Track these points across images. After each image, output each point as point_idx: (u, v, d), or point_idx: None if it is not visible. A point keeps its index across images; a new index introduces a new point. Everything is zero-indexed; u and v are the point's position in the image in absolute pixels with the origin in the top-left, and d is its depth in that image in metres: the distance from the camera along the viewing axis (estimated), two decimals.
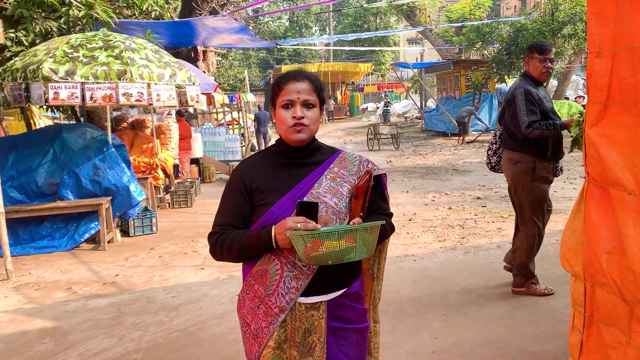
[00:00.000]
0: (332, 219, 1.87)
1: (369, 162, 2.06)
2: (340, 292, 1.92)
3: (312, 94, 1.91)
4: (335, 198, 1.90)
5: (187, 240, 7.05)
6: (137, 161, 8.79)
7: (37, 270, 5.98)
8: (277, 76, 1.99)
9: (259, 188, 1.92)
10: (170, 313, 4.52)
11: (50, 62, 6.15)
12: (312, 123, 1.90)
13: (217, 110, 17.40)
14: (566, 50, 17.15)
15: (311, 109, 1.90)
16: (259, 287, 1.89)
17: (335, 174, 1.96)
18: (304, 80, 1.91)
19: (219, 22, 10.16)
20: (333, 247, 1.68)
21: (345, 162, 2.00)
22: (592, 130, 2.50)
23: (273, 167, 1.96)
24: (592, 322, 2.60)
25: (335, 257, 1.70)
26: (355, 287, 1.98)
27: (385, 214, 2.06)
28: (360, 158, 2.05)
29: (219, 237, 1.90)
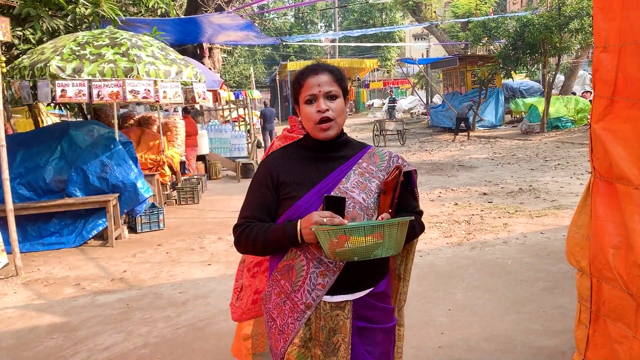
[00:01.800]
0: (360, 214, 1.82)
1: (399, 158, 2.00)
2: (367, 291, 1.88)
3: (334, 84, 1.86)
4: (364, 193, 1.86)
5: (194, 237, 7.08)
6: (144, 158, 8.83)
7: (45, 267, 6.03)
8: (296, 72, 1.95)
9: (285, 181, 1.88)
10: (177, 308, 4.55)
11: (58, 59, 6.18)
12: (337, 115, 1.86)
13: (223, 107, 17.44)
14: (573, 45, 17.04)
15: (334, 100, 1.85)
16: (285, 282, 1.87)
17: (364, 169, 1.91)
18: (324, 72, 1.87)
19: (224, 19, 10.16)
20: (359, 242, 1.64)
21: (374, 157, 1.96)
22: (598, 125, 2.50)
23: (301, 161, 1.92)
24: (599, 316, 2.60)
25: (361, 253, 1.66)
26: (382, 287, 1.93)
27: (415, 212, 1.99)
28: (390, 154, 2.00)
29: (244, 229, 1.87)
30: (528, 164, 11.94)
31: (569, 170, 10.71)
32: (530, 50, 17.28)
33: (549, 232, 6.29)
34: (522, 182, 9.65)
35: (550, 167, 11.23)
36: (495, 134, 18.98)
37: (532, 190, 8.89)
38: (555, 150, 13.93)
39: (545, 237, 6.05)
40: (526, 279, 4.73)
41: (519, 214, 7.25)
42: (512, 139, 17.40)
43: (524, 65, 18.27)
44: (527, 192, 8.72)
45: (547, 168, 11.19)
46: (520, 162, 12.42)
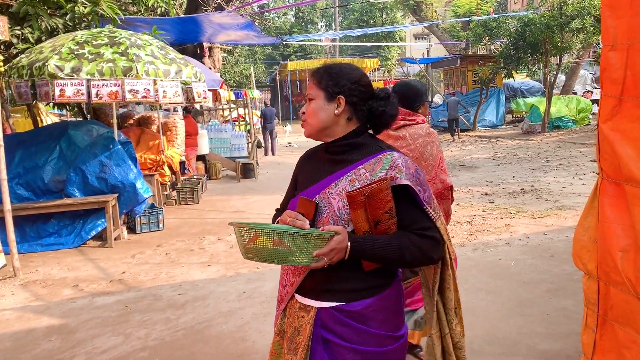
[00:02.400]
0: (330, 223, 1.75)
1: (398, 168, 1.76)
2: (333, 304, 1.78)
3: (313, 87, 1.86)
4: (341, 202, 1.76)
5: (193, 237, 7.03)
6: (144, 158, 8.77)
7: (44, 268, 5.98)
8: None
9: (299, 179, 1.98)
10: (177, 311, 4.49)
11: (56, 59, 6.13)
12: (309, 116, 1.86)
13: (224, 107, 17.38)
14: (574, 45, 17.00)
15: (311, 102, 1.86)
16: (282, 272, 1.99)
17: (358, 176, 1.78)
18: (312, 75, 1.90)
19: (224, 18, 10.11)
20: (264, 244, 1.62)
21: (377, 164, 1.78)
22: (606, 125, 2.44)
23: (316, 160, 1.95)
24: (606, 321, 2.55)
25: (264, 256, 1.63)
26: (358, 307, 1.78)
27: (419, 234, 1.76)
28: (394, 161, 1.77)
29: (274, 215, 2.04)
30: (530, 164, 11.88)
31: (571, 170, 10.66)
32: (531, 49, 17.24)
33: (551, 233, 6.24)
34: (524, 183, 9.60)
35: (552, 167, 11.17)
36: (497, 134, 18.93)
37: (534, 190, 8.83)
38: (557, 150, 13.88)
39: (548, 238, 5.99)
40: (529, 280, 4.68)
41: (521, 215, 7.19)
42: (513, 138, 17.35)
43: (525, 64, 18.22)
44: (529, 193, 8.67)
45: (548, 168, 11.14)
46: (522, 162, 12.36)
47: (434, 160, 3.07)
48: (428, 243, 1.76)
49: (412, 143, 3.04)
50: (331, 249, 1.65)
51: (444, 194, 3.10)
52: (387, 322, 1.83)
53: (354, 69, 1.88)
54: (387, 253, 1.72)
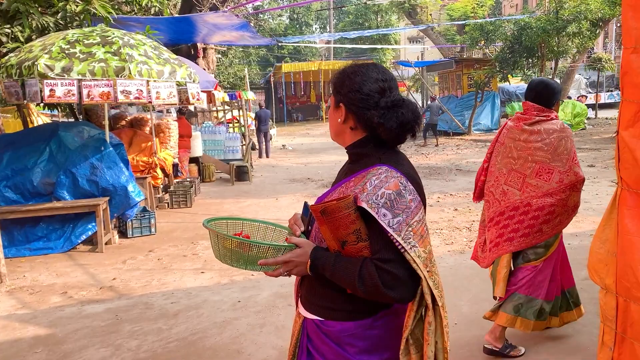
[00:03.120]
0: (313, 235, 1.74)
1: (364, 187, 1.57)
2: (314, 317, 1.74)
3: (333, 95, 1.81)
4: None
5: (186, 242, 6.85)
6: (136, 160, 8.60)
7: (32, 273, 5.79)
8: None
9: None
10: (169, 320, 4.33)
11: (46, 58, 5.95)
12: (329, 120, 1.84)
13: (218, 109, 17.21)
14: (570, 49, 16.96)
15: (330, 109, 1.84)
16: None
17: (346, 188, 1.67)
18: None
19: (219, 19, 9.94)
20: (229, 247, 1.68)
21: (361, 179, 1.64)
22: (627, 132, 2.30)
23: (344, 167, 1.88)
24: (625, 339, 2.41)
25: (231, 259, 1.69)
26: (334, 327, 1.67)
27: (377, 265, 1.53)
28: (374, 177, 1.59)
29: None
30: None
31: None
32: (527, 53, 17.18)
33: None
34: None
35: None
36: (492, 138, 18.83)
37: None
38: None
39: None
40: None
41: None
42: None
43: (521, 68, 18.16)
44: None
45: None
46: None
47: (568, 154, 3.28)
48: (385, 278, 1.51)
49: (546, 138, 3.28)
50: (286, 260, 1.63)
51: (576, 186, 3.29)
52: (370, 353, 1.67)
53: (359, 74, 1.70)
54: (344, 278, 1.56)
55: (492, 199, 3.49)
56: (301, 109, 34.76)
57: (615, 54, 32.03)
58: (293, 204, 9.08)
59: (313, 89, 34.54)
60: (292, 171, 13.48)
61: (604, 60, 22.62)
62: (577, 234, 6.26)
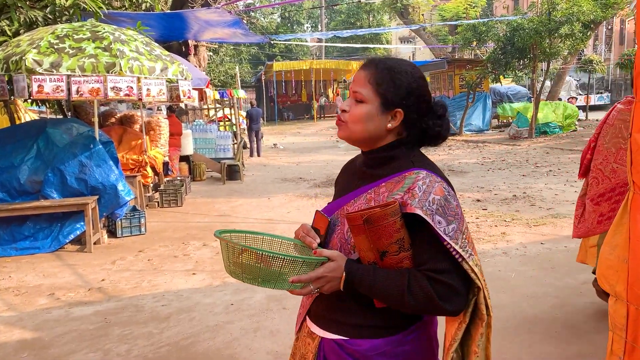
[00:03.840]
0: (338, 245, 1.53)
1: (413, 192, 1.43)
2: (336, 337, 1.54)
3: (366, 85, 1.50)
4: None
5: (177, 242, 6.72)
6: (126, 158, 8.45)
7: (18, 274, 5.64)
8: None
9: (335, 189, 1.77)
10: (160, 324, 4.20)
11: (34, 53, 5.80)
12: (351, 121, 1.52)
13: (209, 107, 17.05)
14: (562, 51, 16.98)
15: (359, 104, 1.51)
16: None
17: (377, 195, 1.51)
18: (367, 67, 1.54)
19: (211, 15, 9.82)
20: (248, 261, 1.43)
21: (399, 183, 1.49)
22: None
23: (347, 172, 1.74)
24: (635, 348, 2.33)
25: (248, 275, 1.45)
26: (363, 346, 1.51)
27: (429, 277, 1.41)
28: (415, 183, 1.45)
29: None
30: (519, 170, 11.76)
31: (562, 177, 10.54)
32: (519, 54, 17.17)
33: (549, 242, 6.06)
34: (516, 189, 9.45)
35: (542, 174, 11.05)
36: (483, 138, 18.85)
37: (526, 197, 8.68)
38: (545, 156, 13.79)
39: (547, 248, 5.81)
40: (532, 294, 4.47)
41: (516, 222, 7.02)
42: (500, 143, 17.26)
43: (513, 69, 18.16)
44: (522, 199, 8.51)
45: (538, 174, 11.01)
46: (511, 167, 12.24)
47: None
48: (440, 290, 1.40)
49: None
50: (318, 276, 1.42)
51: None
52: None
53: (415, 69, 1.55)
54: (389, 292, 1.42)
55: (601, 176, 3.56)
56: (292, 108, 34.62)
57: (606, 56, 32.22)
58: (285, 204, 8.98)
59: (304, 88, 34.39)
60: (284, 170, 13.36)
61: (595, 63, 22.72)
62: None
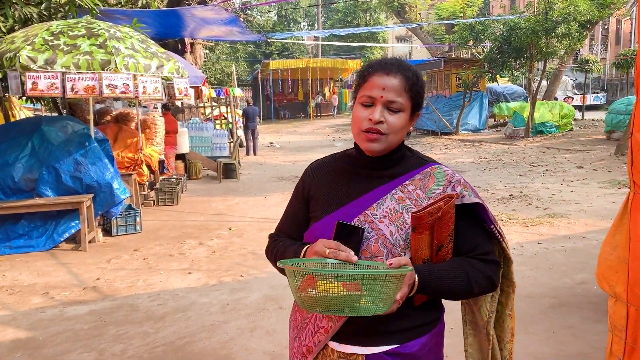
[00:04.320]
0: (382, 251, 1.45)
1: (461, 184, 1.52)
2: (386, 348, 1.48)
3: (402, 94, 1.47)
4: (394, 226, 1.46)
5: (172, 241, 6.68)
6: (121, 156, 8.39)
7: (12, 272, 5.59)
8: (366, 64, 1.57)
9: (315, 196, 1.61)
10: (155, 324, 4.17)
11: (29, 49, 5.75)
12: (392, 132, 1.47)
13: (205, 105, 16.99)
14: (559, 50, 16.98)
15: (396, 113, 1.47)
16: (298, 315, 1.62)
17: (407, 194, 1.50)
18: (396, 74, 1.47)
19: (207, 13, 9.77)
20: (327, 290, 1.26)
21: (428, 179, 1.53)
22: None
23: (339, 174, 1.60)
24: (635, 349, 2.31)
25: (326, 306, 1.28)
26: (415, 347, 1.51)
27: (482, 259, 1.51)
28: (451, 175, 1.53)
29: (271, 242, 1.70)
30: (515, 169, 11.76)
31: (558, 176, 10.54)
32: (516, 54, 17.18)
33: (546, 242, 6.05)
34: (512, 188, 9.44)
35: (538, 173, 11.05)
36: (479, 138, 18.86)
37: (523, 197, 8.67)
38: (542, 156, 13.80)
39: (544, 248, 5.80)
40: (530, 294, 4.45)
41: (513, 222, 7.00)
42: (496, 143, 17.27)
43: (509, 69, 18.17)
44: (519, 199, 8.50)
45: (535, 174, 11.01)
46: (507, 167, 12.24)
47: None
48: (493, 269, 1.53)
49: None
50: (407, 287, 1.38)
51: None
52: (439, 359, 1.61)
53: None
54: (455, 285, 1.46)
55: None
56: (288, 106, 34.57)
57: (602, 56, 32.28)
58: (282, 203, 8.94)
59: (301, 87, 34.33)
60: (280, 169, 13.32)
61: (591, 62, 22.75)
62: (569, 236, 6.20)
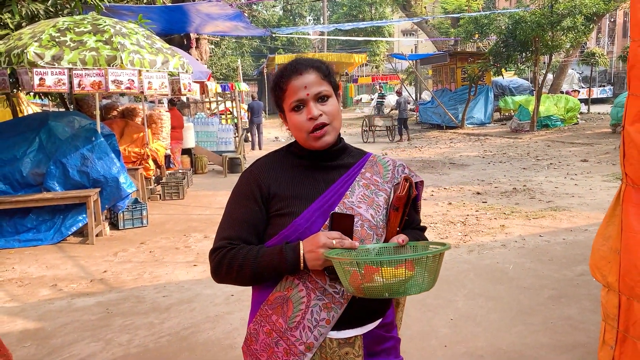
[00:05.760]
0: (369, 234, 1.55)
1: (405, 167, 1.74)
2: (377, 322, 1.61)
3: (323, 82, 1.55)
4: (372, 209, 1.59)
5: (178, 235, 6.77)
6: (127, 151, 8.49)
7: (21, 265, 5.69)
8: (275, 75, 1.63)
9: (278, 194, 1.57)
10: (161, 314, 4.25)
11: (36, 46, 5.83)
12: (334, 118, 1.56)
13: (210, 100, 17.07)
14: (564, 44, 16.93)
15: (326, 101, 1.55)
16: (278, 318, 1.53)
17: (368, 180, 1.64)
18: (307, 69, 1.55)
19: (212, 8, 9.83)
20: (393, 275, 1.31)
21: (377, 166, 1.70)
22: (633, 128, 2.25)
23: (295, 170, 1.62)
24: (627, 337, 2.37)
25: (395, 290, 1.34)
26: (390, 317, 1.69)
27: (419, 229, 1.75)
28: (393, 162, 1.73)
29: (225, 253, 1.52)
30: (520, 163, 11.78)
31: (562, 170, 10.56)
32: (521, 47, 17.15)
33: (547, 235, 6.09)
34: (516, 182, 9.47)
35: (542, 167, 11.07)
36: (485, 132, 18.85)
37: (526, 190, 8.70)
38: (546, 149, 13.81)
39: (545, 241, 5.84)
40: (530, 286, 4.51)
41: (515, 215, 7.05)
42: (501, 137, 17.27)
43: (515, 62, 18.14)
44: (522, 192, 8.53)
45: (539, 167, 11.03)
46: (512, 160, 12.26)
47: None
48: (424, 234, 1.77)
49: None
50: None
51: None
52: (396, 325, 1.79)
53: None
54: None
55: None
56: None
57: (608, 49, 32.09)
58: None
59: None
60: None
61: (597, 55, 22.65)
62: (571, 229, 6.24)
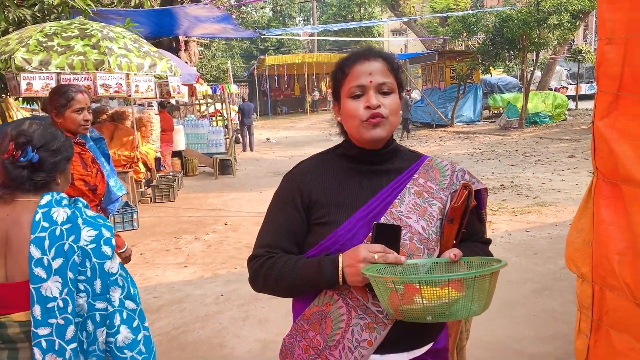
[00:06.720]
0: (419, 248, 1.41)
1: (465, 173, 1.57)
2: (427, 347, 1.46)
3: (389, 75, 1.44)
4: (423, 220, 1.44)
5: (169, 237, 6.82)
6: (117, 154, 8.51)
7: None
8: (340, 59, 1.50)
9: (319, 201, 1.47)
10: (151, 315, 4.30)
11: (23, 51, 5.85)
12: (392, 113, 1.43)
13: (200, 102, 17.10)
14: (551, 41, 17.10)
15: (388, 95, 1.43)
16: (315, 334, 1.43)
17: (421, 187, 1.49)
18: (377, 58, 1.45)
19: (201, 11, 9.87)
20: (436, 297, 1.18)
21: (432, 171, 1.54)
22: (602, 123, 2.33)
23: (339, 175, 1.50)
24: (601, 326, 2.45)
25: (439, 313, 1.19)
26: (443, 341, 1.54)
27: (483, 242, 1.59)
28: (452, 167, 1.58)
29: (264, 262, 1.45)
30: (508, 160, 11.90)
31: (549, 166, 10.68)
32: (508, 45, 17.30)
33: (533, 230, 6.19)
34: (504, 178, 9.58)
35: (530, 163, 11.19)
36: (474, 130, 18.99)
37: (513, 186, 8.81)
38: (534, 146, 13.94)
39: (530, 236, 5.94)
40: (514, 280, 4.59)
41: (502, 211, 7.15)
42: (490, 134, 17.40)
43: (503, 60, 18.29)
44: (509, 189, 8.64)
45: (527, 164, 11.15)
46: (500, 157, 12.38)
47: None
48: (489, 249, 1.62)
49: None
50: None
51: None
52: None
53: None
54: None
55: None
56: (285, 102, 34.71)
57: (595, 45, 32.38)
58: None
59: (297, 82, 34.46)
60: (277, 164, 13.45)
61: (584, 52, 22.85)
62: (557, 224, 6.34)
